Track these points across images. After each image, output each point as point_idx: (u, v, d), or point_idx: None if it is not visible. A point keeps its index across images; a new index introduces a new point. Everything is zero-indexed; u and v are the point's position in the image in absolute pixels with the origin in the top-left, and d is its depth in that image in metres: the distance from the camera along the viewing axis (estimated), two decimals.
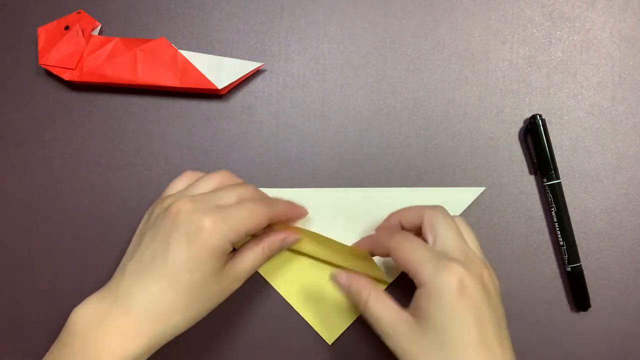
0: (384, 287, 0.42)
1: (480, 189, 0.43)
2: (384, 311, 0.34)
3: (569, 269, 0.42)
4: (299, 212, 0.41)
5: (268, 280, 0.43)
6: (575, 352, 0.43)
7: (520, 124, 0.43)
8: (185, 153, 0.44)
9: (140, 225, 0.38)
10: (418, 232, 0.37)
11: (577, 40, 0.43)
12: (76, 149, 0.44)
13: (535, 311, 0.43)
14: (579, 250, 0.42)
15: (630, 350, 0.43)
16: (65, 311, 0.32)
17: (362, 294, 0.35)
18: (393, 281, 0.42)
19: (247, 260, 0.36)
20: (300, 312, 0.43)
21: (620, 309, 0.43)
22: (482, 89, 0.43)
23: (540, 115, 0.42)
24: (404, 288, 0.43)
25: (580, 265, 0.42)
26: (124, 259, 0.36)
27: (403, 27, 0.44)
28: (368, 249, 0.39)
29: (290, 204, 0.40)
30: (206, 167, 0.43)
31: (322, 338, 0.43)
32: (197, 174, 0.39)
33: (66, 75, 0.42)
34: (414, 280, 0.34)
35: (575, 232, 0.42)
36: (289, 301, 0.43)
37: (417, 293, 0.34)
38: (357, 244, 0.41)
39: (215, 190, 0.37)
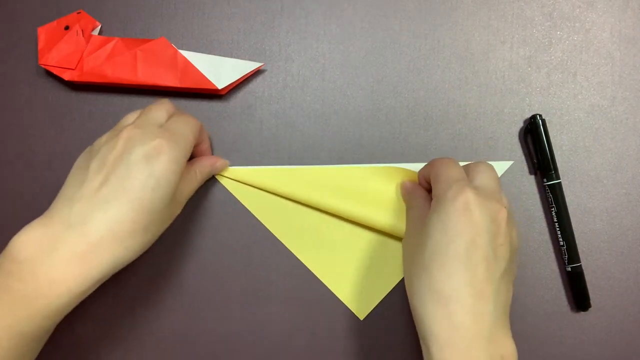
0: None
1: (509, 163, 0.43)
2: (416, 214, 0.38)
3: (569, 269, 0.42)
4: (218, 162, 0.42)
5: (298, 257, 0.42)
6: (575, 352, 0.43)
7: (520, 124, 0.43)
8: None
9: (78, 162, 0.36)
10: None
11: (577, 40, 0.43)
12: (76, 149, 0.44)
13: (535, 311, 0.43)
14: (579, 250, 0.42)
15: (630, 350, 0.43)
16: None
17: (413, 201, 0.40)
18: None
19: (185, 186, 0.39)
20: (331, 288, 0.42)
21: (620, 309, 0.43)
22: (482, 89, 0.43)
23: (540, 115, 0.42)
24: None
25: (580, 265, 0.42)
26: (64, 190, 0.34)
27: (403, 27, 0.44)
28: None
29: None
30: None
31: (353, 313, 0.42)
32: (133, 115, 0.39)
33: (66, 75, 0.42)
34: (432, 195, 0.36)
35: (575, 232, 0.42)
36: (319, 277, 0.42)
37: (431, 204, 0.35)
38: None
39: (145, 113, 0.37)
